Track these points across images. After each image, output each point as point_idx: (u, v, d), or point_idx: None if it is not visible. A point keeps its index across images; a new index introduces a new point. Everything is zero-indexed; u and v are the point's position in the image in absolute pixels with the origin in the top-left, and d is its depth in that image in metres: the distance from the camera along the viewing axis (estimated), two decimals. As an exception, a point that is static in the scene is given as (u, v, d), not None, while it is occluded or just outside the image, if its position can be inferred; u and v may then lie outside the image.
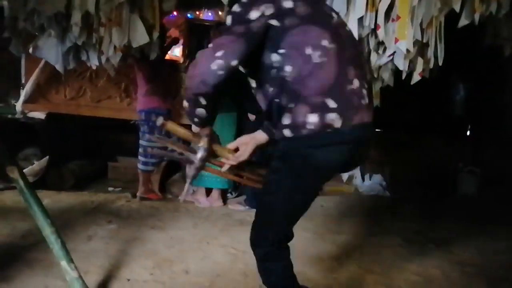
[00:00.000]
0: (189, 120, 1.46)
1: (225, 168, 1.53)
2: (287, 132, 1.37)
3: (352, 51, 1.44)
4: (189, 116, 1.43)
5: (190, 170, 1.56)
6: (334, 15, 1.48)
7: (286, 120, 1.37)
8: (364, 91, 1.43)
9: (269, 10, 1.33)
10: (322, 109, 1.33)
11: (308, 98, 1.34)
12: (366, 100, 1.42)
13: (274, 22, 1.33)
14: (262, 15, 1.32)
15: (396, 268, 2.47)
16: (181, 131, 1.56)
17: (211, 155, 1.51)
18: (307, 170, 1.40)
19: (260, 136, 1.48)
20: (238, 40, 1.30)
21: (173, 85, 4.24)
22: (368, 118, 1.44)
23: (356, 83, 1.40)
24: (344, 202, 4.06)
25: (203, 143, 1.48)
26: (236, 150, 1.51)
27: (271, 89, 1.39)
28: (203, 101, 1.36)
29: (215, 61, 1.28)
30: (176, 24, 4.72)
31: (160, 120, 1.57)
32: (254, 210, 1.59)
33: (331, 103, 1.34)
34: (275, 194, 1.44)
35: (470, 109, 4.83)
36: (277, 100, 1.38)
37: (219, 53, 1.28)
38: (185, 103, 1.42)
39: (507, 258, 2.72)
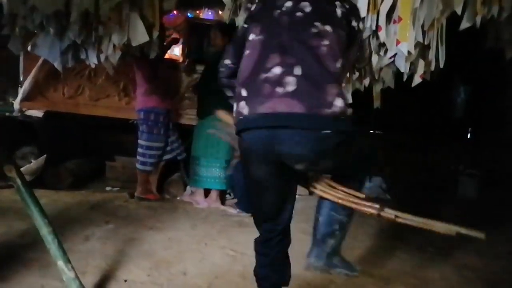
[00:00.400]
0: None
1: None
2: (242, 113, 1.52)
3: (286, 38, 1.44)
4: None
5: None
6: (287, 4, 1.50)
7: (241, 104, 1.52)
8: (289, 79, 1.39)
9: (245, 14, 1.62)
10: (238, 99, 1.48)
11: (236, 90, 1.53)
12: (287, 88, 1.39)
13: (245, 25, 1.59)
14: (244, 21, 1.61)
15: (395, 271, 2.46)
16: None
17: None
18: (242, 154, 1.55)
19: None
20: (232, 46, 1.66)
21: (173, 84, 4.22)
22: (287, 107, 1.39)
23: (276, 70, 1.41)
24: (343, 204, 4.05)
25: None
26: None
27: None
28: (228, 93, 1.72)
29: (224, 61, 1.68)
30: (176, 23, 4.70)
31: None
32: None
33: (244, 92, 1.46)
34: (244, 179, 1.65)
35: (471, 111, 4.83)
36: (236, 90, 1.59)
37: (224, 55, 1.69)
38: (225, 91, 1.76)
39: (506, 262, 2.71)
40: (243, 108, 1.44)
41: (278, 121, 1.40)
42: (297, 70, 1.40)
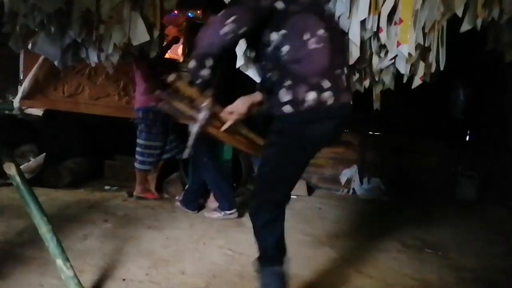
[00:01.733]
0: (192, 81, 1.59)
1: (225, 126, 1.68)
2: (287, 108, 1.57)
3: (338, 41, 1.66)
4: (194, 77, 1.57)
5: (193, 127, 1.68)
6: (326, 8, 1.70)
7: (285, 97, 1.56)
8: (344, 77, 1.65)
9: None
10: (319, 88, 1.55)
11: (307, 79, 1.54)
12: (345, 84, 1.65)
13: (279, 5, 1.53)
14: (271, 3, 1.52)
15: (393, 273, 2.46)
16: (190, 90, 1.65)
17: (213, 115, 1.63)
18: (304, 142, 1.62)
19: (256, 95, 1.70)
20: (248, 12, 1.49)
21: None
22: (348, 99, 1.68)
23: (340, 69, 1.62)
24: (341, 205, 4.06)
25: (206, 103, 1.61)
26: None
27: (265, 64, 1.60)
28: (209, 62, 1.53)
29: (225, 27, 1.47)
30: (177, 23, 4.70)
31: (172, 76, 1.66)
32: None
33: (326, 84, 1.56)
34: (276, 164, 1.65)
35: (470, 113, 4.83)
36: (269, 74, 1.59)
37: (229, 20, 1.47)
38: (192, 63, 1.55)
39: (504, 264, 2.72)
40: (328, 98, 1.56)
41: (349, 111, 1.67)
42: (346, 70, 1.67)
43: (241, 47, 2.58)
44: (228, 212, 3.27)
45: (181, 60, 4.65)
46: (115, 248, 2.49)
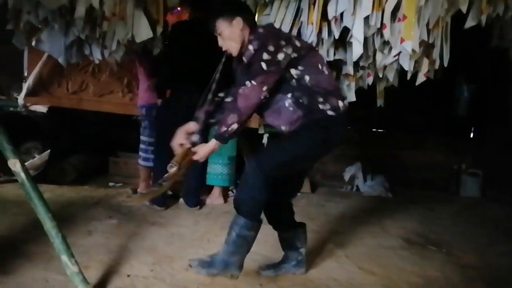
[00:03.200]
0: (227, 139, 1.90)
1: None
2: (330, 112, 1.96)
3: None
4: (232, 136, 1.90)
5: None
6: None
7: (325, 107, 1.95)
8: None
9: (289, 50, 1.92)
10: (340, 98, 2.03)
11: (333, 93, 2.00)
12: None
13: (293, 55, 1.94)
14: (287, 54, 1.91)
15: (397, 270, 2.46)
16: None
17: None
18: (327, 139, 1.99)
19: (211, 145, 1.93)
20: (275, 76, 1.89)
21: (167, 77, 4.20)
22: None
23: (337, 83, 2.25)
24: (345, 202, 4.05)
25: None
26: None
27: (293, 95, 1.96)
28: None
29: (263, 94, 1.88)
30: (180, 19, 4.69)
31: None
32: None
33: (340, 95, 2.09)
34: (301, 150, 1.98)
35: (474, 110, 4.81)
36: (300, 100, 1.95)
37: (265, 88, 1.87)
38: (235, 126, 1.86)
39: (509, 261, 2.71)
40: (344, 105, 2.01)
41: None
42: None
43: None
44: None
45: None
46: (120, 244, 2.50)
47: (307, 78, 1.94)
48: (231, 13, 1.99)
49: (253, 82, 1.86)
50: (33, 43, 3.16)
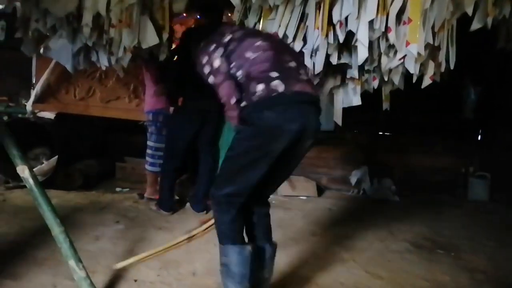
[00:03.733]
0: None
1: None
2: (243, 104, 1.76)
3: (286, 48, 1.98)
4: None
5: None
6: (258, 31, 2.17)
7: (243, 97, 1.77)
8: (302, 71, 1.84)
9: (220, 51, 1.84)
10: (267, 80, 1.72)
11: (255, 77, 1.74)
12: (305, 77, 1.83)
13: (225, 54, 1.83)
14: (220, 57, 1.82)
15: (404, 274, 2.44)
16: None
17: None
18: (259, 130, 1.71)
19: None
20: (227, 83, 1.80)
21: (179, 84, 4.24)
22: (310, 90, 1.81)
23: (293, 64, 1.82)
24: (352, 206, 4.04)
25: None
26: None
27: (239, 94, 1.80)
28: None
29: (233, 104, 1.79)
30: (186, 25, 4.72)
31: None
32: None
33: (274, 74, 1.73)
34: (236, 151, 1.77)
35: (481, 113, 4.77)
36: (240, 98, 1.78)
37: (232, 100, 1.78)
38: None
39: (518, 265, 2.68)
40: (278, 85, 1.71)
41: (310, 98, 1.80)
42: (303, 70, 1.89)
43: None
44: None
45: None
46: (127, 249, 2.52)
47: (239, 73, 1.80)
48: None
49: (223, 99, 1.84)
50: (41, 51, 3.20)
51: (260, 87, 1.71)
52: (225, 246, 1.83)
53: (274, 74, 1.73)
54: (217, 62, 1.83)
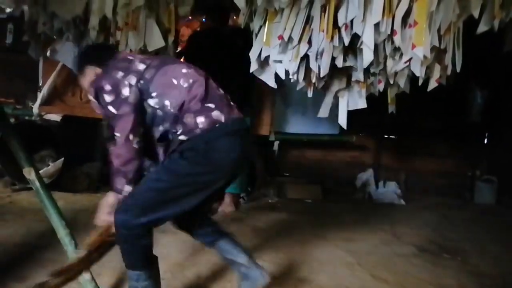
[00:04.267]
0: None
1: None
2: (182, 137, 1.64)
3: (204, 74, 1.79)
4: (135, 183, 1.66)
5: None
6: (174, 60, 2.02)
7: (179, 130, 1.64)
8: (227, 96, 1.79)
9: (132, 79, 1.64)
10: (206, 110, 1.65)
11: (190, 108, 1.63)
12: (231, 102, 1.79)
13: (139, 83, 1.65)
14: (131, 85, 1.63)
15: (410, 278, 2.43)
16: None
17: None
18: (202, 162, 1.62)
19: (110, 198, 1.69)
20: (131, 116, 1.61)
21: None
22: (239, 114, 1.78)
23: (221, 91, 1.77)
24: (357, 209, 4.02)
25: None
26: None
27: (164, 126, 1.66)
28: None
29: (134, 142, 1.61)
30: (192, 28, 4.75)
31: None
32: None
33: (211, 104, 1.67)
34: (169, 183, 1.63)
35: (488, 116, 4.74)
36: (169, 129, 1.66)
37: (130, 136, 1.60)
38: (128, 187, 1.64)
39: (525, 270, 2.65)
40: (219, 116, 1.66)
41: (243, 124, 1.77)
42: (226, 93, 1.81)
43: (254, 53, 2.60)
44: None
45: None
46: (132, 252, 2.51)
47: (167, 103, 1.64)
48: (81, 64, 1.85)
49: (116, 134, 1.62)
50: (48, 53, 3.23)
51: (201, 119, 1.63)
52: (134, 273, 1.74)
53: (211, 104, 1.67)
54: (126, 91, 1.63)
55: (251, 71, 2.67)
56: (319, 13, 2.39)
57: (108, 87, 1.63)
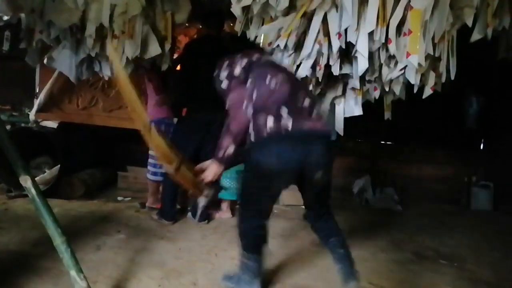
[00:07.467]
0: (227, 161, 1.99)
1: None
2: (251, 137, 1.93)
3: (300, 84, 2.13)
4: (229, 158, 1.97)
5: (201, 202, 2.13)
6: (282, 65, 2.24)
7: (251, 128, 1.93)
8: (315, 109, 2.01)
9: (244, 62, 2.03)
10: (278, 117, 1.88)
11: (267, 108, 1.89)
12: (316, 115, 2.00)
13: (247, 67, 2.01)
14: (241, 67, 2.01)
15: (407, 284, 2.43)
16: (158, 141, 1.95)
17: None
18: (265, 163, 1.89)
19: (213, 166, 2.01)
20: (239, 90, 1.96)
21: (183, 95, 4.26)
22: (320, 127, 1.99)
23: (306, 102, 1.98)
24: (354, 215, 4.02)
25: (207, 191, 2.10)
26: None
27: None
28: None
29: (245, 110, 1.92)
30: (188, 35, 4.77)
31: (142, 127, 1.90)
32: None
33: (284, 113, 1.89)
34: (247, 181, 2.04)
35: (484, 122, 4.77)
36: (253, 117, 1.93)
37: (243, 105, 1.92)
38: (231, 148, 1.95)
39: (521, 276, 2.66)
40: (287, 124, 1.87)
41: (319, 135, 1.97)
42: (314, 105, 2.05)
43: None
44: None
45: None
46: (128, 259, 2.51)
47: (254, 93, 1.95)
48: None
49: (229, 104, 1.96)
50: (45, 61, 3.23)
51: (270, 123, 1.87)
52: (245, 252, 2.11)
53: (285, 110, 1.89)
54: (237, 70, 2.00)
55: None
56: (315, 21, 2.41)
57: (226, 63, 2.04)
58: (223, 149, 1.95)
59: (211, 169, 2.00)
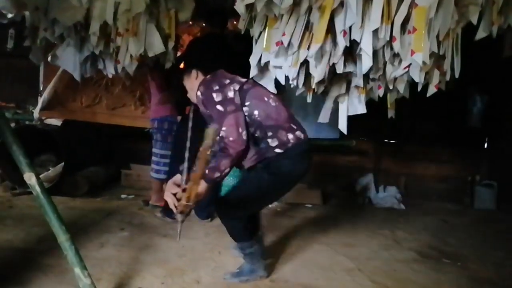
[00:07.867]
0: (218, 182, 2.24)
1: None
2: (278, 150, 2.07)
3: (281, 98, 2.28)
4: (223, 178, 2.05)
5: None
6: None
7: (273, 143, 2.07)
8: (296, 120, 2.23)
9: (236, 86, 2.10)
10: (292, 130, 2.12)
11: (282, 126, 2.09)
12: (298, 124, 2.22)
13: (240, 90, 2.09)
14: (235, 90, 2.08)
15: (410, 283, 2.42)
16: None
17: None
18: (286, 172, 2.09)
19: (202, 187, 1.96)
20: (237, 113, 2.02)
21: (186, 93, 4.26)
22: (306, 134, 2.20)
23: (292, 114, 2.21)
24: (357, 214, 4.02)
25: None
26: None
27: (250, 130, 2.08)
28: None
29: (242, 134, 1.99)
30: (192, 33, 4.77)
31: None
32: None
33: (293, 126, 2.14)
34: (257, 190, 2.13)
35: (488, 121, 4.74)
36: (255, 134, 2.08)
37: (240, 129, 1.98)
38: (228, 169, 1.99)
39: (525, 276, 2.65)
40: (301, 135, 2.13)
41: (309, 143, 2.19)
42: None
43: (254, 58, 2.61)
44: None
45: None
46: (132, 257, 2.52)
47: (256, 112, 2.07)
48: (189, 67, 2.36)
49: (226, 127, 1.98)
50: (49, 59, 3.24)
51: (290, 136, 2.08)
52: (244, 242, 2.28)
53: (293, 126, 2.13)
54: (231, 94, 2.05)
55: (251, 76, 2.67)
56: (318, 19, 2.40)
57: (216, 87, 2.07)
58: (219, 172, 1.96)
59: (203, 190, 1.94)
